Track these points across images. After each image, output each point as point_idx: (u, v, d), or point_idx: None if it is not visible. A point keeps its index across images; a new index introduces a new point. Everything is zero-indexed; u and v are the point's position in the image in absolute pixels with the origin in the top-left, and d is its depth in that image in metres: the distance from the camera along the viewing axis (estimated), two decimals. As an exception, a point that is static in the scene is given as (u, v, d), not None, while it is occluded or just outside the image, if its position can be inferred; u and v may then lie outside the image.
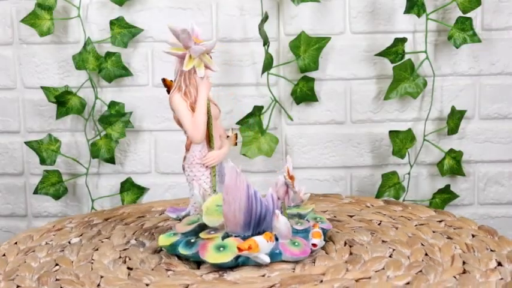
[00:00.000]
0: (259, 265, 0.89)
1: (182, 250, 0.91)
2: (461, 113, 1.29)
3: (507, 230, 1.33)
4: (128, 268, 0.91)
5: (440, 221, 1.07)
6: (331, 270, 0.88)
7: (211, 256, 0.89)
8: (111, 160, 1.30)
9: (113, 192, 1.34)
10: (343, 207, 1.16)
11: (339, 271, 0.87)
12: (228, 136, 1.01)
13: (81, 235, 1.05)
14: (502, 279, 0.84)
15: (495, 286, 0.82)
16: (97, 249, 0.99)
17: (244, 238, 0.90)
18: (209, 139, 0.97)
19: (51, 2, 1.26)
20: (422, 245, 0.96)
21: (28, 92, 1.33)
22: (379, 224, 1.06)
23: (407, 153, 1.30)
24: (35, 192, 1.30)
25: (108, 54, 1.28)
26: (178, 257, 0.94)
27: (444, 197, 1.31)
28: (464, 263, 0.89)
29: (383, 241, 0.98)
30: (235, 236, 0.91)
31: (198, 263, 0.92)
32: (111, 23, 1.28)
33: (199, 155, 0.97)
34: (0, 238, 1.37)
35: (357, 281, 0.84)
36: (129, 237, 1.03)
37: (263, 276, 0.88)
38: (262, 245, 0.88)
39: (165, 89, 0.99)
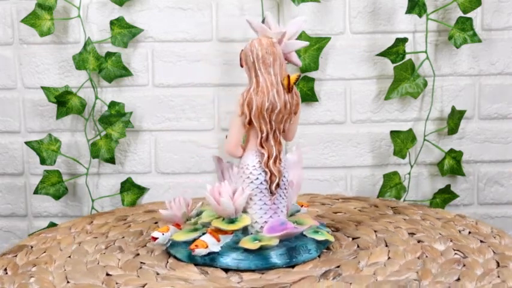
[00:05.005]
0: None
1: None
2: (461, 113, 1.29)
3: (507, 230, 1.33)
4: None
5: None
6: None
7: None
8: (111, 160, 1.30)
9: (113, 192, 1.34)
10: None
11: None
12: None
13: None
14: None
15: None
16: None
17: None
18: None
19: (51, 2, 1.26)
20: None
21: (28, 92, 1.33)
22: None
23: (407, 153, 1.30)
24: (35, 192, 1.30)
25: (108, 54, 1.28)
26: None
27: (444, 197, 1.31)
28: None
29: None
30: None
31: None
32: (111, 23, 1.28)
33: None
34: (0, 238, 1.37)
35: None
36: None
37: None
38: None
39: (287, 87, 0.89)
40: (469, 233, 1.04)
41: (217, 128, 1.32)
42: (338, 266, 0.91)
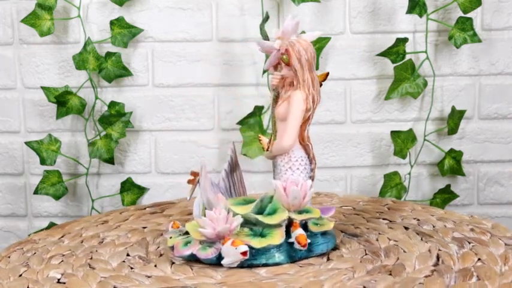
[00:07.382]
0: None
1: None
2: (461, 113, 1.29)
3: (507, 229, 1.33)
4: None
5: None
6: None
7: None
8: (110, 160, 1.30)
9: (113, 192, 1.34)
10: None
11: None
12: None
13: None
14: None
15: None
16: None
17: None
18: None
19: (51, 2, 1.26)
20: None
21: (28, 92, 1.33)
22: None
23: (407, 153, 1.30)
24: (35, 192, 1.30)
25: (108, 54, 1.28)
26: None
27: (444, 197, 1.31)
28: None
29: None
30: None
31: None
32: (111, 23, 1.28)
33: None
34: (0, 238, 1.37)
35: None
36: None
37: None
38: None
39: None
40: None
41: (217, 128, 1.33)
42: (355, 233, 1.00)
